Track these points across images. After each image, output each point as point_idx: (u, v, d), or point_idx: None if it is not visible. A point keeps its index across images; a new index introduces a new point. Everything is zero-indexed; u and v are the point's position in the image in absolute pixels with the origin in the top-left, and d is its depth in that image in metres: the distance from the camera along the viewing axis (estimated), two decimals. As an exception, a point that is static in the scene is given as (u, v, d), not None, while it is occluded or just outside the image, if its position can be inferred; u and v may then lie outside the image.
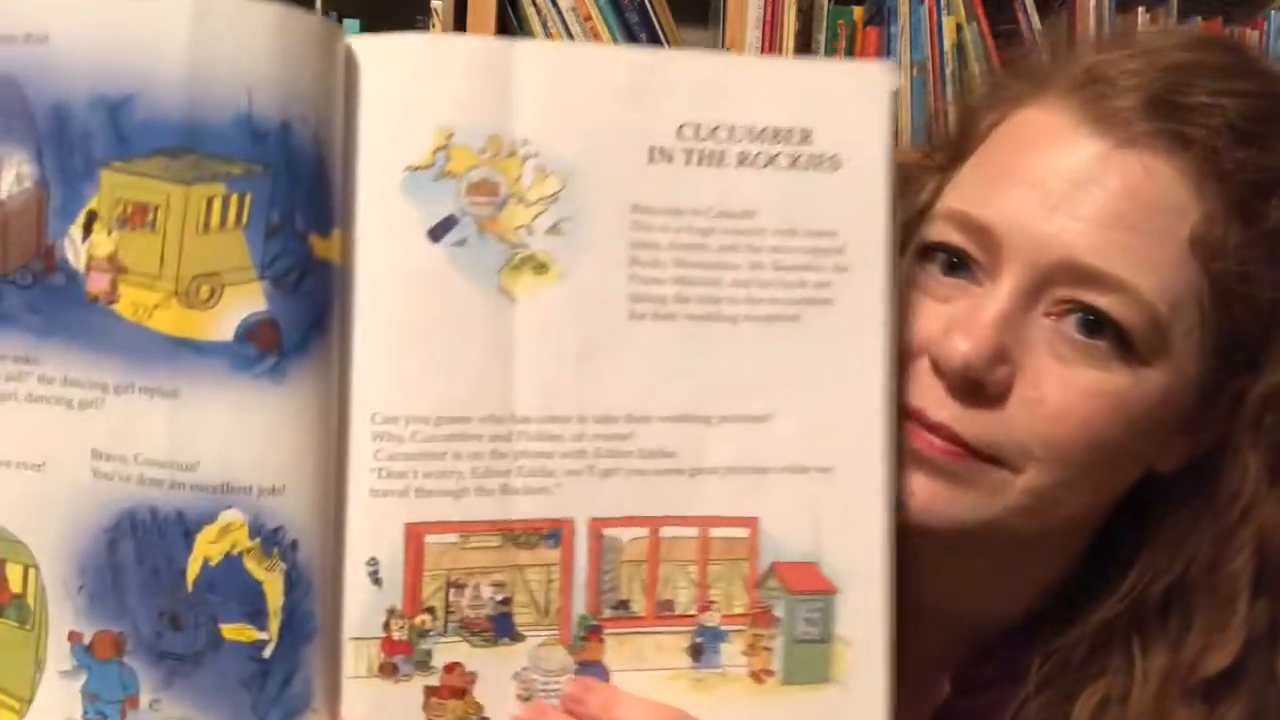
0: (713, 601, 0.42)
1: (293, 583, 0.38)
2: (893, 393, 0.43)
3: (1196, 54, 0.48)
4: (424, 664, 0.39)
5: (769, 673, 0.42)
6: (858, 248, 0.43)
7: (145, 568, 0.37)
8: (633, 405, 0.41)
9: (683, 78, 0.42)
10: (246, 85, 0.37)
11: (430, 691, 0.40)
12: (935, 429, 0.46)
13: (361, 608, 0.39)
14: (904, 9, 1.50)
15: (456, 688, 0.40)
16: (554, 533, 0.41)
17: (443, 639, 0.40)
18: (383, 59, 0.40)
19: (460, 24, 1.47)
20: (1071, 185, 0.45)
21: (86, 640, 0.37)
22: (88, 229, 0.37)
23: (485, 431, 0.40)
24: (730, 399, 0.42)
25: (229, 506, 0.37)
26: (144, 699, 0.37)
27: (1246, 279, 0.45)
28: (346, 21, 1.47)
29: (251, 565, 0.38)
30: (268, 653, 0.38)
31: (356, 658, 0.39)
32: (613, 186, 0.41)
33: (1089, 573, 0.51)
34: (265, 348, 0.37)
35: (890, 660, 0.44)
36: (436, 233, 0.40)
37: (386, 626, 0.39)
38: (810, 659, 0.43)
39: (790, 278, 0.42)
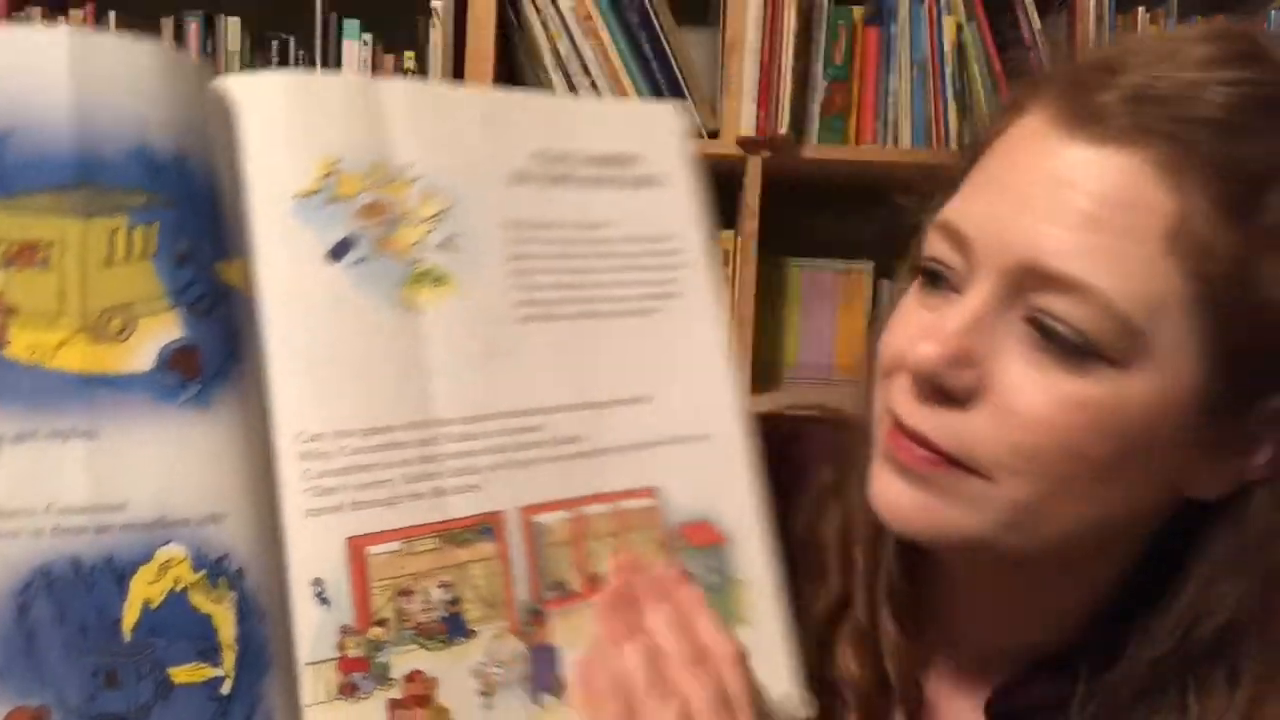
0: None
1: (244, 612, 0.37)
2: (732, 365, 0.50)
3: (1184, 45, 0.44)
4: (383, 677, 0.39)
5: None
6: (690, 247, 0.50)
7: (69, 626, 0.34)
8: (537, 399, 0.45)
9: (528, 114, 0.48)
10: (139, 118, 0.37)
11: (394, 705, 0.39)
12: (910, 435, 0.46)
13: (313, 630, 0.38)
14: (904, 9, 1.49)
15: (420, 695, 0.40)
16: (487, 527, 0.43)
17: (398, 648, 0.40)
18: (260, 97, 0.41)
19: (460, 24, 1.47)
20: (1045, 187, 0.44)
21: None
22: None
23: (410, 438, 0.42)
24: (614, 385, 0.47)
25: (166, 542, 0.36)
26: None
27: (1250, 282, 0.42)
28: (346, 22, 1.49)
29: (198, 599, 0.36)
30: (226, 689, 0.36)
31: (315, 683, 0.38)
32: (488, 205, 0.45)
33: (1134, 605, 0.49)
34: (188, 375, 0.37)
35: (781, 598, 0.49)
36: (337, 253, 0.42)
37: (341, 646, 0.39)
38: (720, 604, 0.47)
39: (643, 277, 0.48)
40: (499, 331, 0.44)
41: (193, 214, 0.38)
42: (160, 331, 0.36)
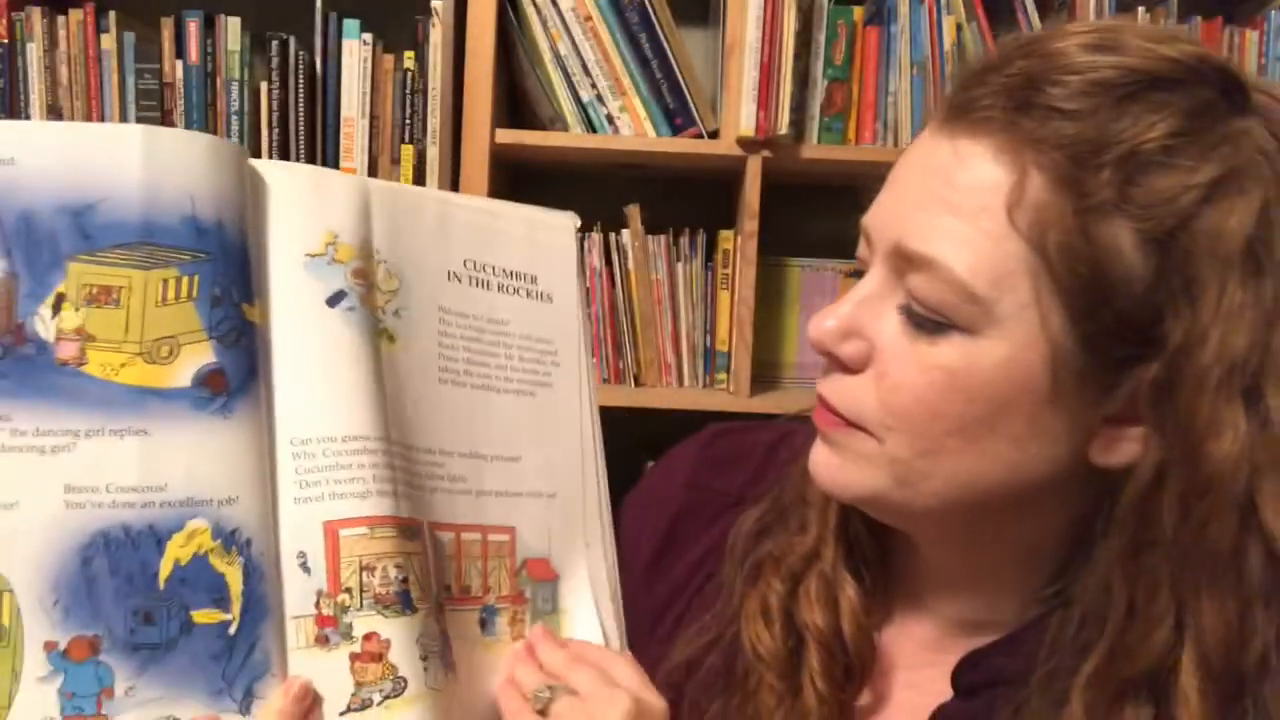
0: (489, 588, 0.59)
1: (249, 573, 0.48)
2: (596, 443, 0.64)
3: (1050, 39, 0.49)
4: (347, 635, 0.51)
5: (523, 637, 0.60)
6: (566, 351, 0.64)
7: (119, 576, 0.46)
8: (440, 442, 0.58)
9: (465, 227, 0.61)
10: (190, 194, 0.49)
11: (354, 657, 0.51)
12: (821, 401, 0.54)
13: (297, 591, 0.50)
14: (904, 9, 1.51)
15: (374, 653, 0.51)
16: (418, 529, 0.54)
17: (360, 613, 0.51)
18: (285, 180, 0.55)
19: (460, 24, 1.48)
20: (916, 179, 0.51)
21: (62, 647, 0.46)
22: (56, 308, 0.47)
23: (377, 447, 0.53)
24: (497, 445, 0.61)
25: (194, 516, 0.48)
26: (119, 688, 0.46)
27: (1089, 248, 0.46)
28: (346, 22, 1.49)
29: (215, 561, 0.48)
30: (233, 630, 0.48)
31: (297, 633, 0.50)
32: (427, 291, 0.59)
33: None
34: (216, 391, 0.49)
35: (596, 630, 0.62)
36: (332, 301, 0.54)
37: (317, 605, 0.50)
38: (549, 626, 0.61)
39: (529, 366, 0.63)
40: (424, 385, 0.58)
41: (225, 267, 0.50)
42: (197, 357, 0.49)
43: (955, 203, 0.47)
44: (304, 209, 0.55)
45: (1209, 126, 0.46)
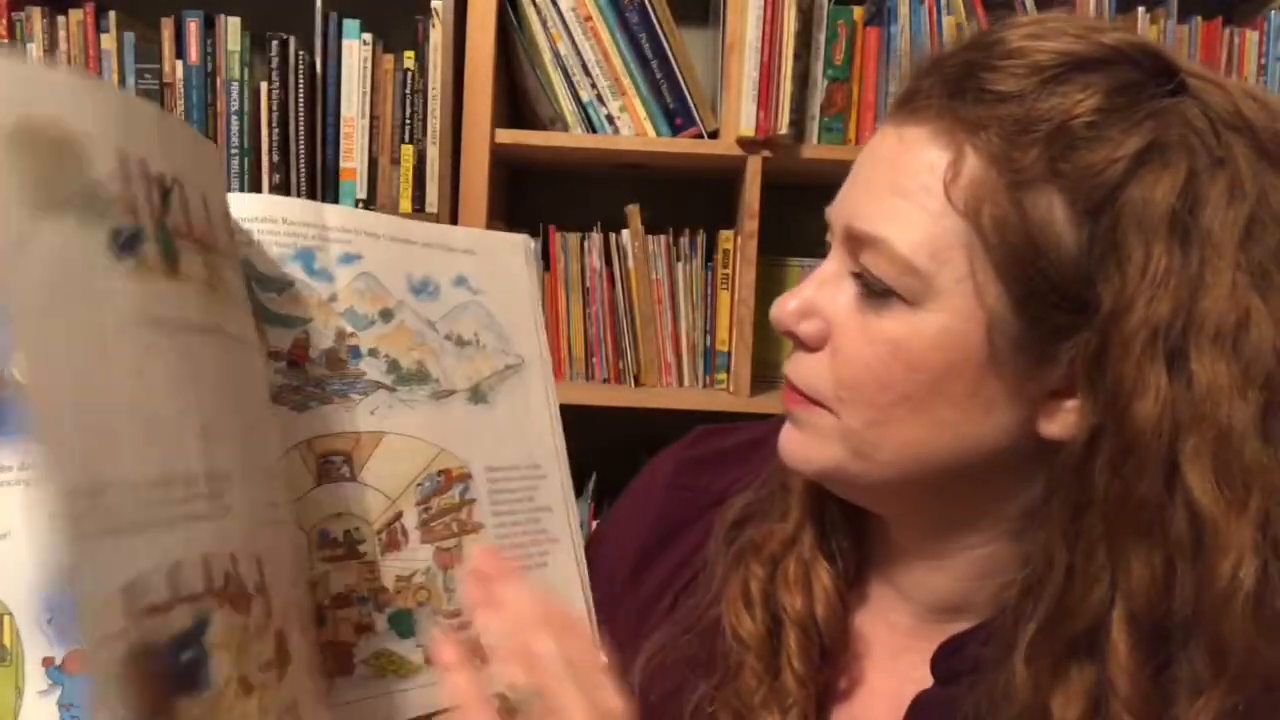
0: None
1: None
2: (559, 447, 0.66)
3: (987, 33, 0.53)
4: None
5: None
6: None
7: None
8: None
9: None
10: None
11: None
12: (785, 381, 0.57)
13: None
14: (904, 9, 1.51)
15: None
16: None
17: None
18: None
19: (460, 24, 1.48)
20: (868, 164, 0.54)
21: (58, 661, 0.47)
22: None
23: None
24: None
25: None
26: None
27: (1021, 220, 0.48)
28: (346, 22, 1.49)
29: None
30: None
31: None
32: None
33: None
34: None
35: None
36: None
37: None
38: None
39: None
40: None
41: None
42: None
43: (900, 184, 0.51)
44: None
45: (1135, 103, 0.48)
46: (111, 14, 1.52)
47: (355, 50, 1.50)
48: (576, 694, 0.50)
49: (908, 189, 0.50)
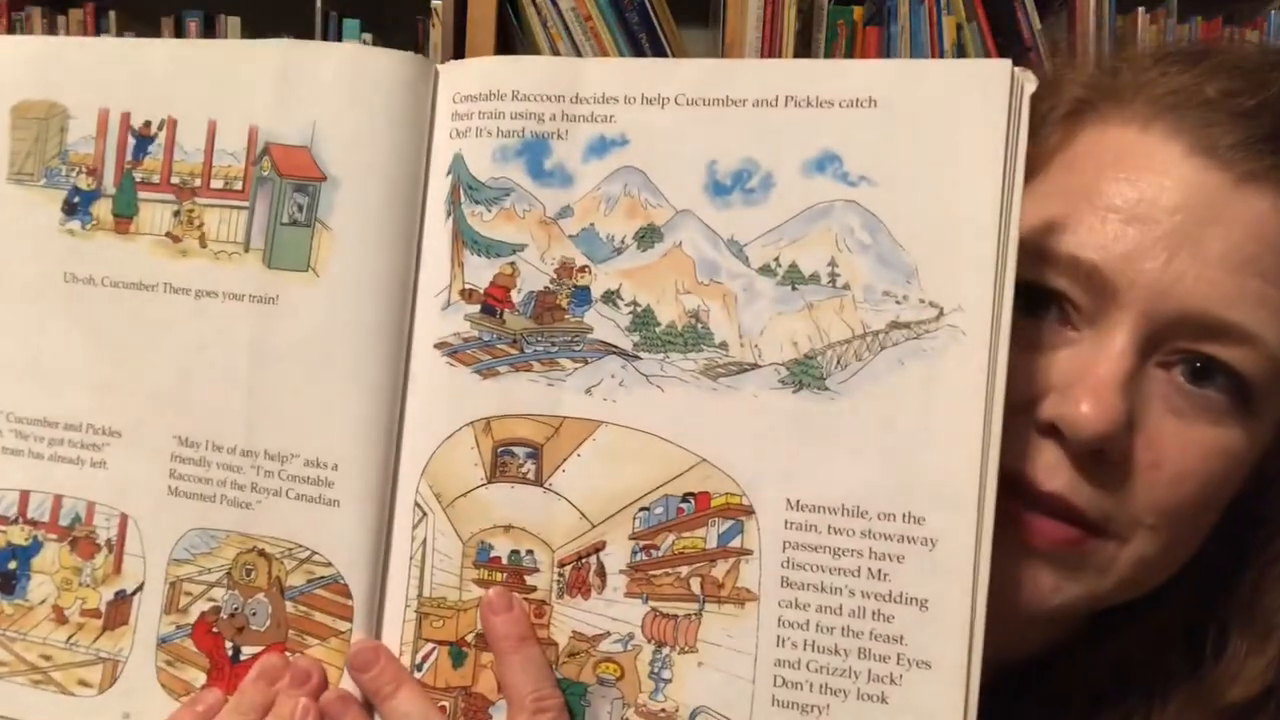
0: None
1: None
2: None
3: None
4: None
5: None
6: None
7: None
8: None
9: None
10: None
11: None
12: (1047, 499, 0.41)
13: None
14: (904, 9, 1.51)
15: None
16: None
17: None
18: None
19: (460, 24, 1.48)
20: (1189, 224, 0.41)
21: None
22: None
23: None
24: None
25: None
26: None
27: None
28: (346, 22, 1.49)
29: None
30: None
31: None
32: None
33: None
34: None
35: None
36: None
37: None
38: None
39: None
40: None
41: None
42: None
43: (1266, 266, 0.40)
44: None
45: None
46: (111, 14, 1.52)
47: (355, 50, 1.50)
48: None
49: (1269, 270, 0.40)
